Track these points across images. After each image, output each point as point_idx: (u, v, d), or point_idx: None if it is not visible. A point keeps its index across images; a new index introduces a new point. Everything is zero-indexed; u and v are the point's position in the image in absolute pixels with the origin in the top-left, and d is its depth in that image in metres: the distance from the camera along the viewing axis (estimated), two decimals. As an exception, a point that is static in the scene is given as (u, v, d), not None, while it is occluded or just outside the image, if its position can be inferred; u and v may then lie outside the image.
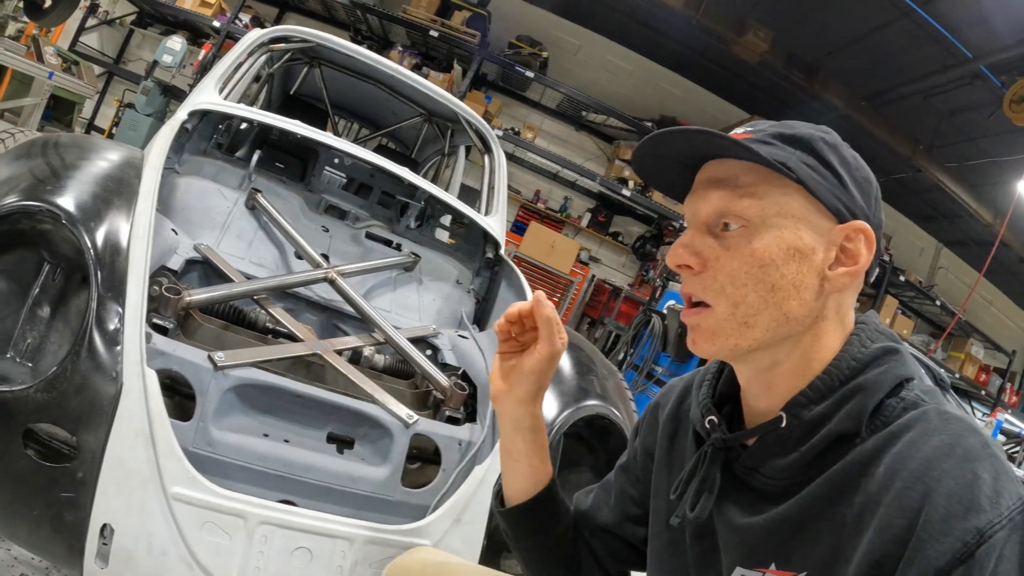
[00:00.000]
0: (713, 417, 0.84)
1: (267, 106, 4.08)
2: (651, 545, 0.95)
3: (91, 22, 9.39)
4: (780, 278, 0.74)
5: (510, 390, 0.99)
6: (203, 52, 8.31)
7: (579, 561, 1.05)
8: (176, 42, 7.96)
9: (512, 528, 1.04)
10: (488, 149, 3.17)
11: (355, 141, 4.48)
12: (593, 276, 9.99)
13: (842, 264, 0.76)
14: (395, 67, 3.09)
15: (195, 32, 9.23)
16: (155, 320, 1.65)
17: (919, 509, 0.61)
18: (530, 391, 0.98)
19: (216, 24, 8.40)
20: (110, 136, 8.28)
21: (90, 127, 9.48)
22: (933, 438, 0.65)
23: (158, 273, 1.82)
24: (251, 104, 3.60)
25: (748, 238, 0.75)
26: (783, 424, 0.75)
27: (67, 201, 1.52)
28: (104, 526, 1.30)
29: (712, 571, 0.82)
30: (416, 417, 1.70)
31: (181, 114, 2.29)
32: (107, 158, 1.81)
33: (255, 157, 2.46)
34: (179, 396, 1.63)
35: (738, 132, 0.80)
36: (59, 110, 7.73)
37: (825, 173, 0.76)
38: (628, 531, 1.04)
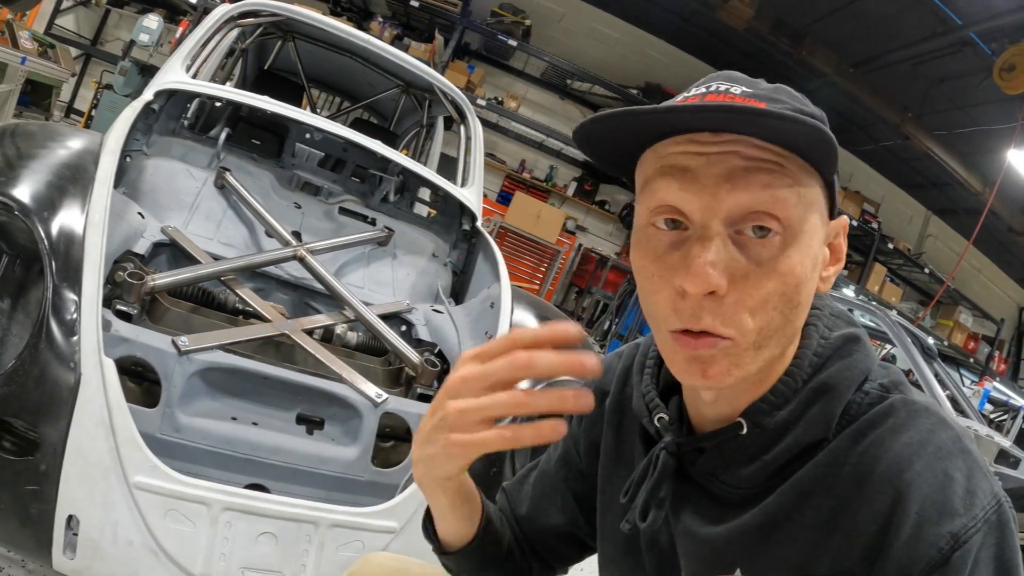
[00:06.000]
0: (663, 415, 0.75)
1: (242, 82, 4.02)
2: (602, 546, 0.88)
3: (66, 3, 9.24)
4: (803, 295, 0.62)
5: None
6: (180, 30, 8.17)
7: (528, 570, 0.95)
8: (153, 20, 7.79)
9: (461, 571, 0.89)
10: (463, 119, 3.12)
11: (334, 115, 4.42)
12: (580, 245, 9.99)
13: (830, 263, 0.68)
14: (368, 38, 3.04)
15: (172, 9, 9.09)
16: (119, 306, 1.63)
17: (890, 514, 0.58)
18: None
19: (193, 0, 8.24)
20: (89, 118, 8.16)
21: (69, 110, 9.36)
22: (902, 435, 0.61)
23: (123, 258, 1.79)
24: (225, 80, 3.54)
25: (784, 248, 0.60)
26: (743, 431, 0.67)
27: (20, 191, 1.49)
28: (70, 517, 1.30)
29: None
30: (385, 395, 1.68)
31: (147, 94, 2.25)
32: (64, 145, 1.77)
33: (223, 135, 2.42)
34: (148, 382, 1.61)
35: (735, 93, 0.63)
36: (36, 95, 7.60)
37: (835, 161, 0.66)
38: (581, 529, 0.94)
